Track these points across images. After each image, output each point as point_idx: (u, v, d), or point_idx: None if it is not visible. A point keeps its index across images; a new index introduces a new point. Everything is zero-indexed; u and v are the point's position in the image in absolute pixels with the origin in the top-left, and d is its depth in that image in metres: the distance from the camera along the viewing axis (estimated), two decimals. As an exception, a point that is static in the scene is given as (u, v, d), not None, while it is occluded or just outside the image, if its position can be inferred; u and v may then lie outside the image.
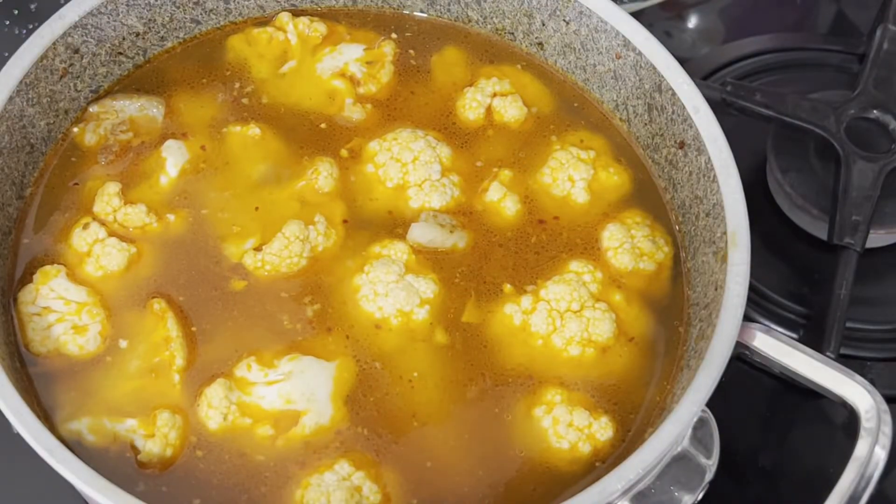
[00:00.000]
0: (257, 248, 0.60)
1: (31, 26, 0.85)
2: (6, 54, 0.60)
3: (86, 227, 0.59)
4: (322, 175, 0.63)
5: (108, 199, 0.60)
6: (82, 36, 0.63)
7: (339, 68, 0.68)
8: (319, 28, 0.69)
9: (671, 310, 0.61)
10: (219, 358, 0.57)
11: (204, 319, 0.58)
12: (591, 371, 0.58)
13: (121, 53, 0.66)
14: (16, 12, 0.86)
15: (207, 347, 0.57)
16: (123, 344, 0.57)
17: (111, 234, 0.59)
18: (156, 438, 0.53)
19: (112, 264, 0.58)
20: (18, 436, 0.50)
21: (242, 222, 0.61)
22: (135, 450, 0.54)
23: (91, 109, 0.64)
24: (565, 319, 0.58)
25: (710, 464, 0.55)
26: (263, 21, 0.70)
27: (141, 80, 0.67)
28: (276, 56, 0.69)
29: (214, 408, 0.54)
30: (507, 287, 0.60)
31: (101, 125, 0.63)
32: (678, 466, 0.54)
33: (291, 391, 0.55)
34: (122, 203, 0.60)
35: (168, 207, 0.61)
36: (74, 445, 0.53)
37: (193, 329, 0.57)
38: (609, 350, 0.58)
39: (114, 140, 0.63)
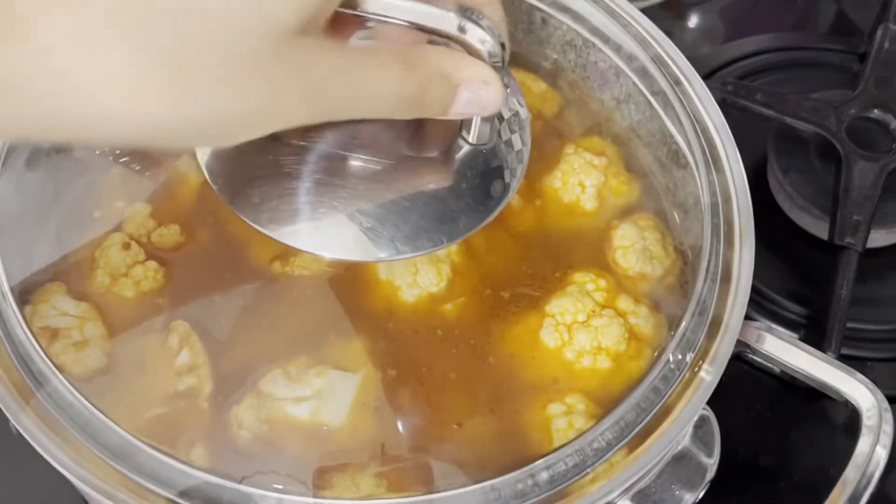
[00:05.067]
0: (281, 258, 0.59)
1: (31, 26, 0.84)
2: (6, 53, 0.60)
3: (126, 247, 0.58)
4: None
5: (141, 221, 0.59)
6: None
7: None
8: None
9: (675, 311, 0.61)
10: (243, 373, 0.56)
11: (227, 333, 0.57)
12: (605, 381, 0.58)
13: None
14: (16, 12, 0.86)
15: (231, 362, 0.56)
16: (144, 369, 0.56)
17: (149, 256, 0.58)
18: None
19: (148, 286, 0.57)
20: (18, 436, 0.50)
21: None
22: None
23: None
24: (573, 332, 0.58)
25: (712, 463, 0.55)
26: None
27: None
28: None
29: (246, 428, 0.54)
30: (510, 294, 0.60)
31: None
32: (679, 465, 0.54)
33: (320, 407, 0.55)
34: (156, 224, 0.59)
35: (192, 222, 0.60)
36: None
37: (217, 344, 0.56)
38: (621, 356, 0.58)
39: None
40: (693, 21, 0.93)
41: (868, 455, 0.53)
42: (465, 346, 0.58)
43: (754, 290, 0.57)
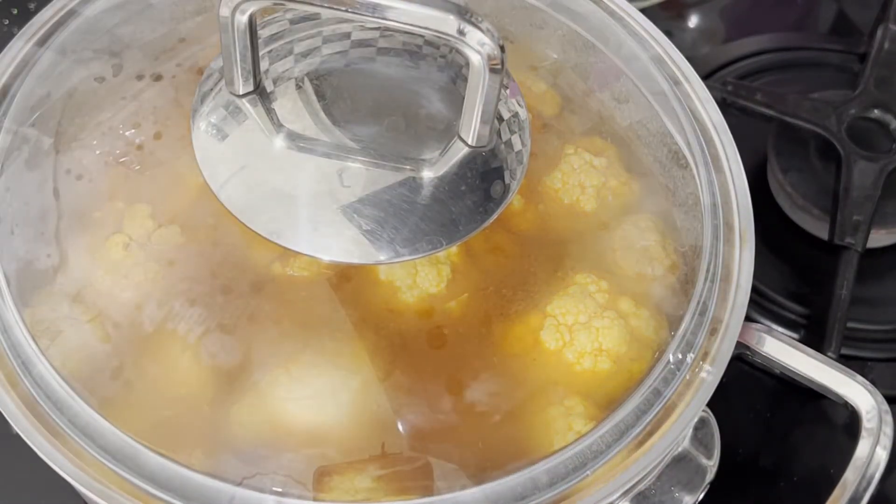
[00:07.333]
0: (282, 259, 0.58)
1: (30, 26, 0.84)
2: (5, 54, 0.60)
3: (126, 247, 0.58)
4: None
5: (140, 222, 0.58)
6: (81, 36, 0.63)
7: None
8: None
9: (675, 312, 0.61)
10: (244, 373, 0.55)
11: (228, 334, 0.56)
12: (606, 383, 0.58)
13: (120, 54, 0.66)
14: (14, 12, 0.86)
15: (232, 363, 0.56)
16: (144, 370, 0.55)
17: (148, 257, 0.58)
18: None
19: (148, 287, 0.57)
20: (18, 437, 0.50)
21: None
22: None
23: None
24: (574, 332, 0.58)
25: (711, 465, 0.55)
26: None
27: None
28: None
29: (246, 428, 0.53)
30: (511, 294, 0.60)
31: None
32: (679, 467, 0.54)
33: (321, 406, 0.55)
34: (156, 225, 0.59)
35: (192, 222, 0.59)
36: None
37: (218, 345, 0.56)
38: (622, 358, 0.58)
39: None
40: (693, 21, 0.93)
41: (868, 457, 0.53)
42: (465, 346, 0.58)
43: (754, 290, 0.57)
